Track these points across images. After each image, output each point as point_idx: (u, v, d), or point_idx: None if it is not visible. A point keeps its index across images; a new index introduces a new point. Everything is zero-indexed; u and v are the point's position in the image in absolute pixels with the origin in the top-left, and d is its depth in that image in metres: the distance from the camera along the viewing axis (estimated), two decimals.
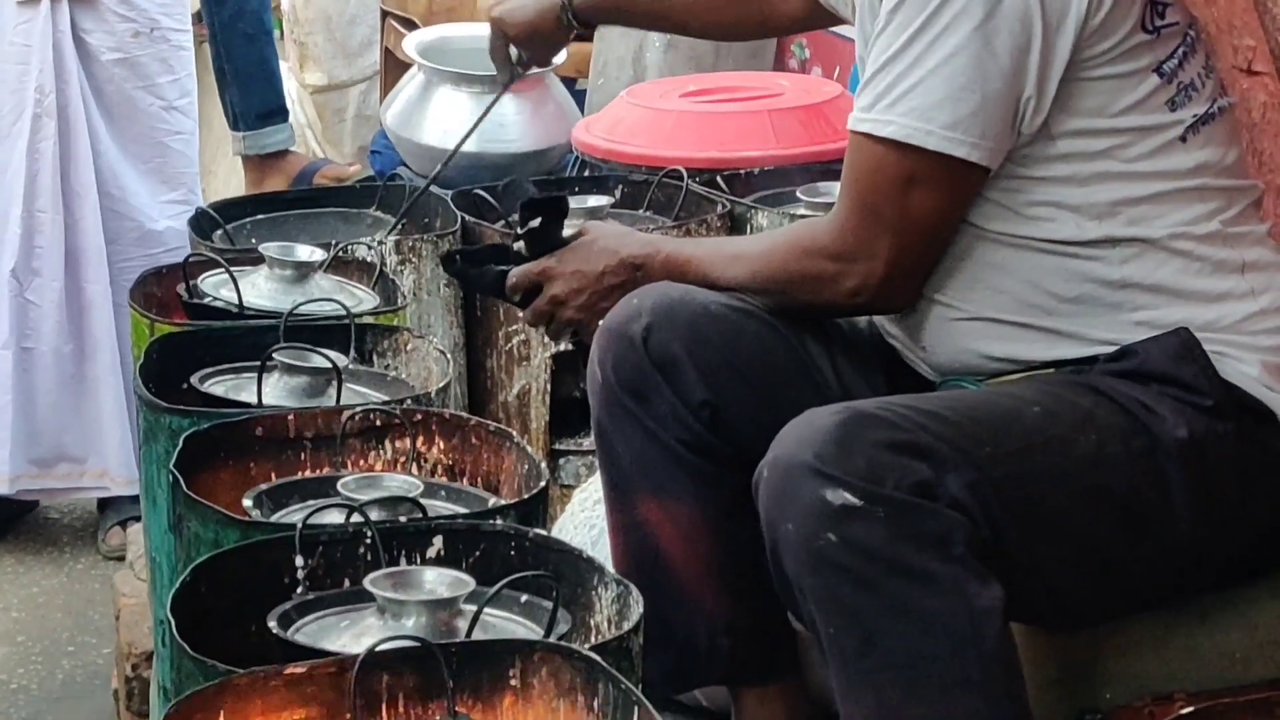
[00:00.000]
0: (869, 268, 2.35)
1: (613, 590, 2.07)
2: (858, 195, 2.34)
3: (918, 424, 2.17)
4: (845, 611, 2.12)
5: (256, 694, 1.79)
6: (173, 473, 2.27)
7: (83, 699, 3.75)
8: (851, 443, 2.13)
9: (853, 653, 2.13)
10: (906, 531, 2.10)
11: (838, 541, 2.10)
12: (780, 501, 2.15)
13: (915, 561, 2.10)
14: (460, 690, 1.84)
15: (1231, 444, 2.28)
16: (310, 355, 2.61)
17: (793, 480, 2.13)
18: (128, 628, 3.26)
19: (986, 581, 2.12)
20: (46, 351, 4.17)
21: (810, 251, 2.40)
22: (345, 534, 2.14)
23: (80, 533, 4.52)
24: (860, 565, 2.10)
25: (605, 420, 2.46)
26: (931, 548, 2.10)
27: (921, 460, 2.13)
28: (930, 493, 2.12)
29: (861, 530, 2.09)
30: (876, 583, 2.10)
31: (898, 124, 2.27)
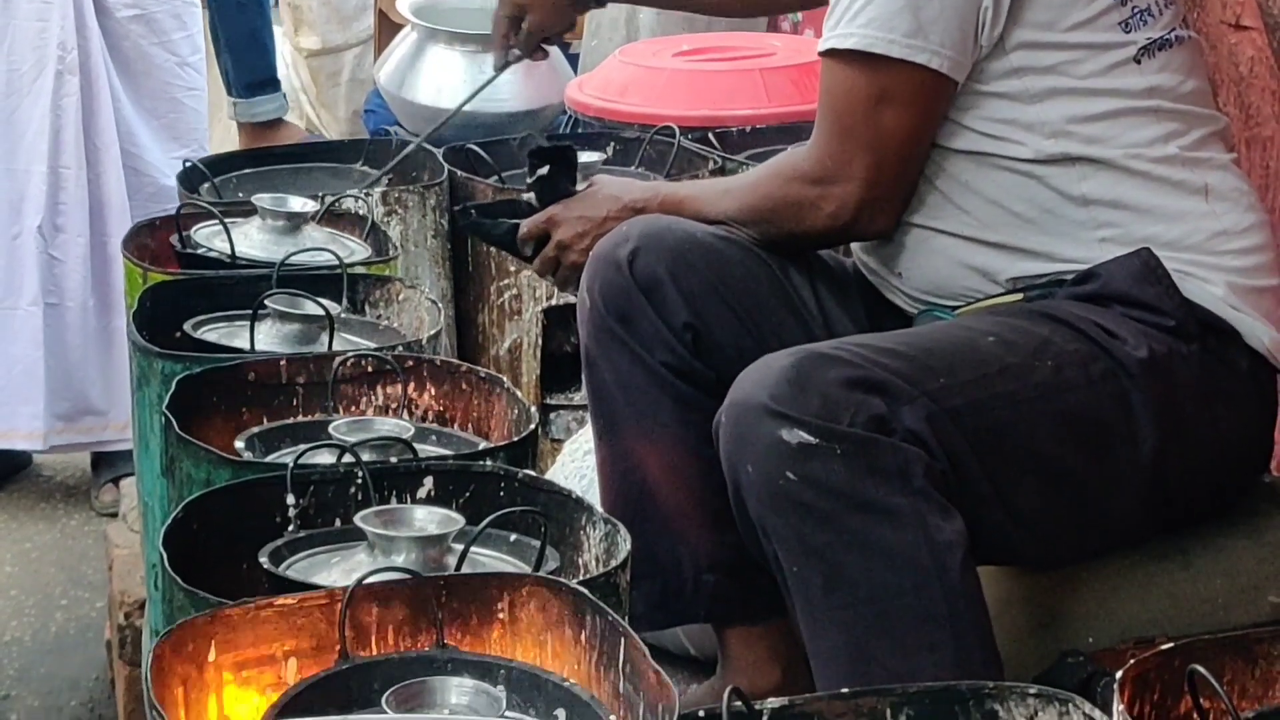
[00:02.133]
0: (846, 190, 2.39)
1: (601, 529, 2.09)
2: (831, 117, 2.39)
3: (872, 360, 2.20)
4: (808, 549, 2.15)
5: (247, 625, 1.81)
6: (165, 414, 2.29)
7: (75, 651, 3.77)
8: (806, 382, 2.16)
9: (817, 590, 2.16)
10: (864, 467, 2.13)
11: (797, 480, 2.13)
12: (739, 444, 2.18)
13: (875, 496, 2.13)
14: (449, 623, 1.86)
15: (1195, 363, 2.30)
16: (303, 302, 2.62)
17: (750, 422, 2.17)
18: (120, 577, 3.28)
19: (948, 514, 2.15)
20: (73, 307, 4.21)
21: (790, 178, 2.45)
22: (336, 474, 2.16)
23: (74, 490, 4.55)
24: (821, 502, 2.13)
25: (593, 346, 2.49)
26: (890, 482, 2.13)
27: (876, 395, 2.16)
28: (886, 427, 2.15)
29: (820, 468, 2.12)
30: (837, 519, 2.13)
31: (859, 35, 2.31)
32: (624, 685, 1.77)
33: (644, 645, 1.75)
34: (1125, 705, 1.76)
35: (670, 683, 1.69)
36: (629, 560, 2.00)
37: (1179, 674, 1.81)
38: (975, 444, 2.20)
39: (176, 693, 1.75)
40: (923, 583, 2.13)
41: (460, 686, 1.72)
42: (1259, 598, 2.41)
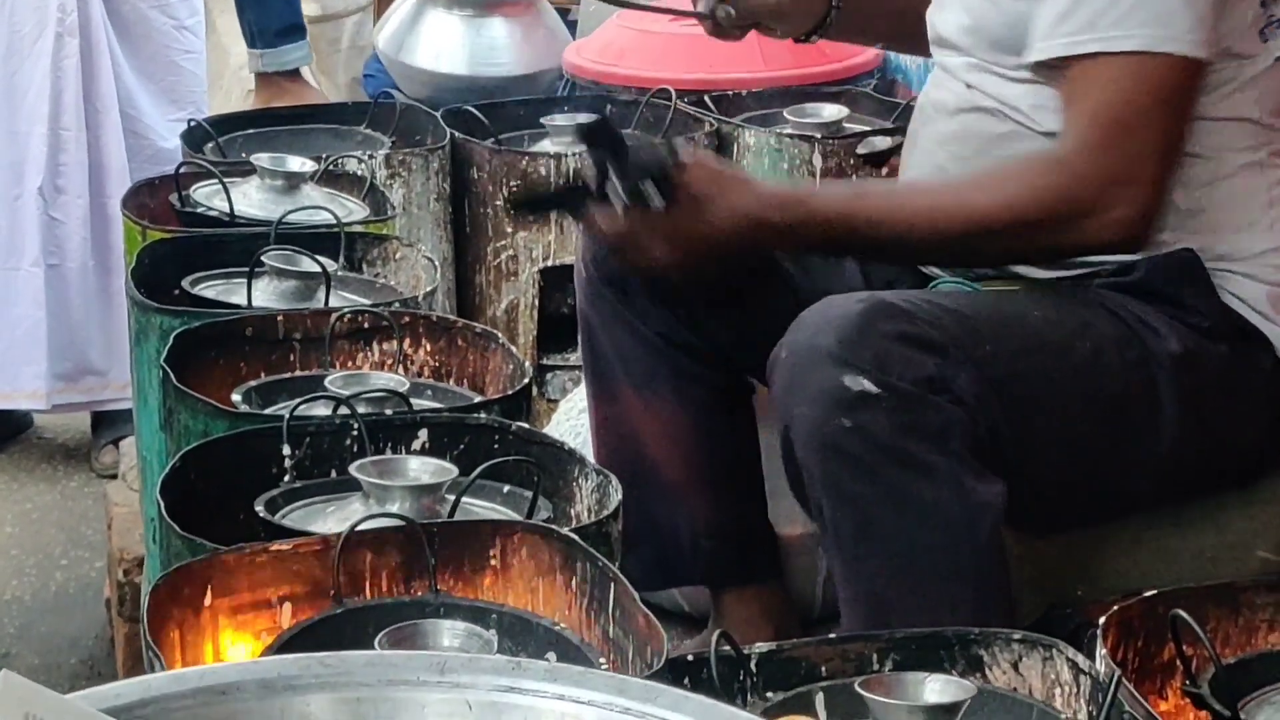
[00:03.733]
0: (1136, 194, 2.22)
1: (593, 480, 2.11)
2: (1107, 118, 2.22)
3: (934, 319, 2.19)
4: (846, 497, 2.14)
5: (243, 570, 1.83)
6: (163, 367, 2.31)
7: (75, 609, 3.80)
8: (870, 331, 2.13)
9: (850, 537, 2.16)
10: (911, 422, 2.12)
11: (850, 428, 2.11)
12: (797, 384, 2.15)
13: (916, 452, 2.12)
14: (442, 569, 1.88)
15: (1222, 363, 2.31)
16: (300, 259, 2.64)
17: (811, 364, 2.14)
18: (119, 535, 3.30)
19: (983, 478, 2.15)
20: (73, 268, 4.23)
21: (1059, 187, 2.24)
22: (332, 426, 2.18)
23: (74, 451, 4.57)
24: (865, 453, 2.12)
25: (589, 313, 2.50)
26: (932, 440, 2.13)
27: (933, 355, 2.15)
28: (935, 387, 2.14)
29: (871, 419, 2.11)
30: (879, 471, 2.13)
31: (1140, 35, 2.19)
32: (614, 630, 1.79)
33: (634, 591, 1.77)
34: (1109, 650, 1.79)
35: (660, 626, 1.71)
36: (620, 509, 2.02)
37: (1163, 621, 1.84)
38: (1010, 414, 2.20)
39: (173, 636, 1.77)
40: (953, 542, 2.14)
41: (452, 629, 1.75)
42: (1248, 553, 2.43)
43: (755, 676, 1.81)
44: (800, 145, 3.32)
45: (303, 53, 4.58)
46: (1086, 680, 1.75)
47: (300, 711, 1.36)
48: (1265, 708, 1.80)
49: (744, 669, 1.80)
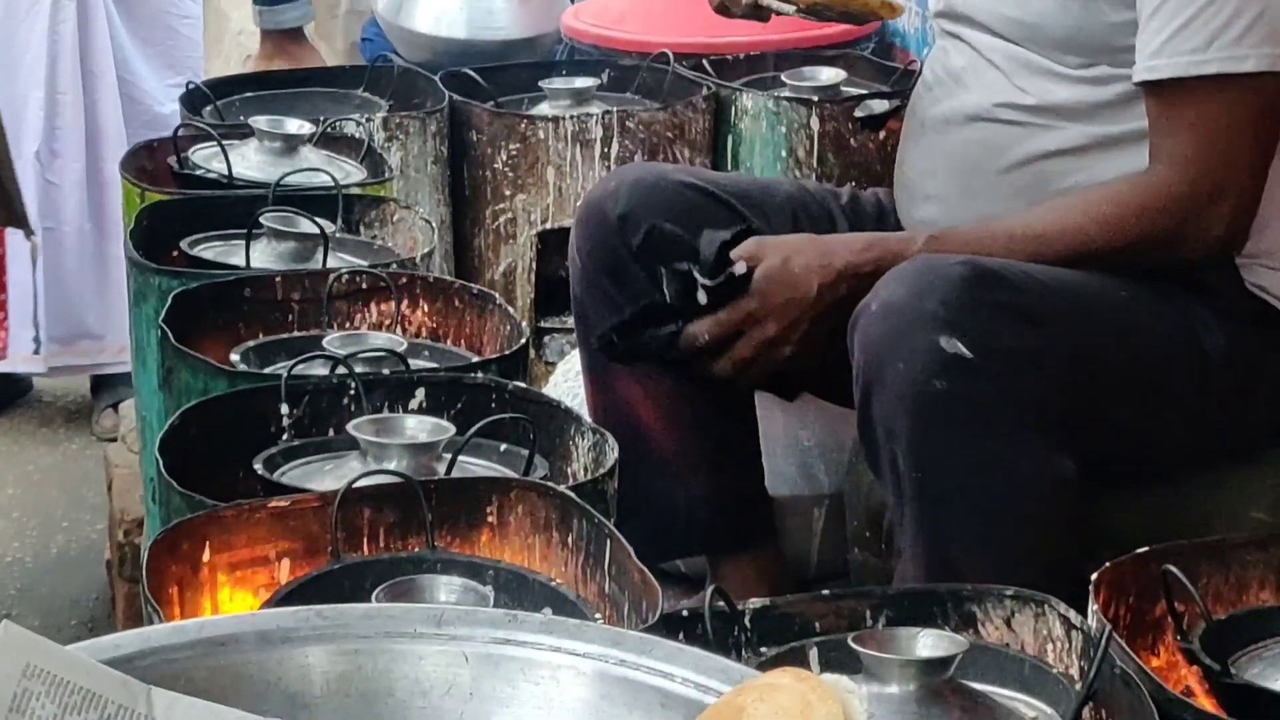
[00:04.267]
0: (1234, 209, 2.27)
1: (589, 439, 2.12)
2: (1212, 137, 2.24)
3: (1029, 289, 2.20)
4: (937, 458, 2.14)
5: (240, 526, 1.84)
6: (161, 327, 2.32)
7: (76, 570, 3.81)
8: (972, 295, 2.14)
9: (931, 500, 2.15)
10: (1004, 391, 2.13)
11: (945, 389, 2.11)
12: (889, 345, 2.15)
13: (1007, 421, 2.13)
14: (439, 526, 1.89)
15: (1248, 347, 2.33)
16: (298, 220, 2.65)
17: (908, 325, 2.13)
18: (120, 496, 3.31)
19: (1066, 454, 2.16)
20: (69, 231, 4.24)
21: (1158, 210, 2.28)
22: (330, 384, 2.19)
23: (74, 415, 4.58)
24: (959, 417, 2.12)
25: (585, 299, 2.52)
26: (1023, 411, 2.14)
27: (1029, 325, 2.16)
28: (1030, 359, 2.15)
29: (965, 383, 2.11)
30: (970, 436, 2.13)
31: (1256, 55, 2.21)
32: (610, 586, 1.81)
33: (629, 547, 1.79)
34: (1100, 607, 1.80)
35: (655, 582, 1.73)
36: (616, 467, 2.03)
37: (1154, 578, 1.85)
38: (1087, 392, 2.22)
39: (171, 591, 1.79)
40: (1034, 515, 2.15)
41: (449, 585, 1.76)
42: (1243, 515, 2.44)
43: (750, 632, 1.82)
44: (798, 109, 3.33)
45: (301, 12, 4.57)
46: (1078, 636, 1.77)
47: (298, 663, 1.38)
48: (1256, 663, 1.82)
49: (738, 624, 1.82)
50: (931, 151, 2.49)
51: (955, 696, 1.68)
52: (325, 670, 1.38)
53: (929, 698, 1.66)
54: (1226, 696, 1.76)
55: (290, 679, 1.37)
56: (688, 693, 1.34)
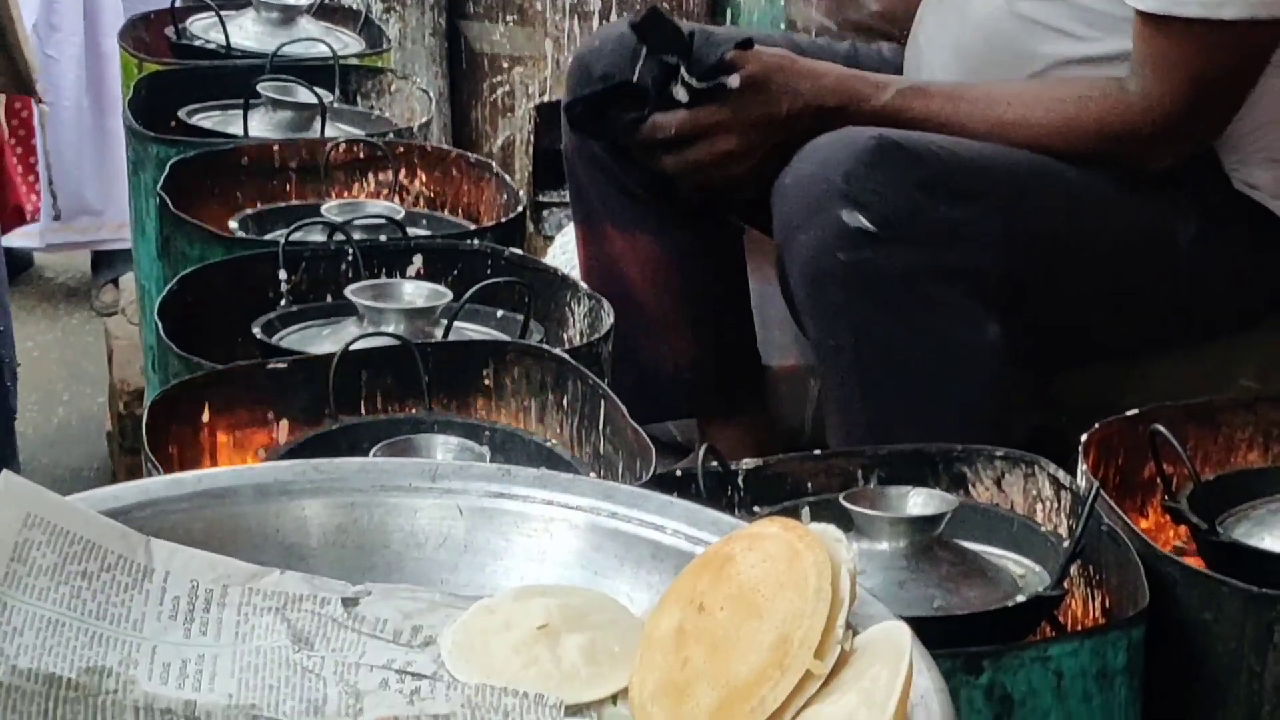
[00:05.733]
0: (1188, 145, 2.29)
1: (585, 305, 2.14)
2: (1182, 78, 2.24)
3: (955, 166, 2.20)
4: (851, 328, 2.16)
5: (239, 388, 1.86)
6: (160, 195, 2.33)
7: (77, 443, 3.84)
8: (882, 171, 2.14)
9: (850, 368, 2.17)
10: (925, 263, 2.13)
11: (850, 260, 2.13)
12: (797, 216, 2.16)
13: (932, 291, 2.14)
14: (435, 389, 1.91)
15: (1233, 240, 2.34)
16: (296, 90, 2.66)
17: (814, 197, 2.15)
18: (120, 368, 3.33)
19: (1002, 318, 2.17)
20: (68, 106, 4.24)
21: (1113, 129, 2.28)
22: (328, 251, 2.21)
23: (74, 290, 4.60)
24: (873, 287, 2.13)
25: (574, 158, 2.52)
26: (950, 281, 2.14)
27: (953, 203, 2.16)
28: (957, 233, 2.16)
29: (877, 256, 2.12)
30: (888, 302, 2.14)
31: (1238, 3, 2.19)
32: (604, 447, 1.83)
33: (623, 408, 1.81)
34: (1089, 467, 1.82)
35: (649, 442, 1.74)
36: (611, 332, 2.05)
37: (1143, 439, 1.87)
38: (1027, 262, 2.22)
39: (171, 451, 1.81)
40: (965, 377, 2.16)
41: (445, 445, 1.78)
42: (1231, 382, 2.46)
43: (742, 492, 1.84)
44: None
45: None
46: (1067, 495, 1.79)
47: (295, 515, 1.40)
48: (1242, 522, 1.84)
49: (731, 484, 1.83)
50: (949, 27, 2.46)
51: (944, 554, 1.70)
52: (322, 523, 1.40)
53: (918, 555, 1.68)
54: (1213, 555, 1.78)
55: (287, 531, 1.39)
56: (678, 544, 1.36)
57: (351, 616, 1.33)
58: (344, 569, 1.38)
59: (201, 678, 1.26)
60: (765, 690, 1.18)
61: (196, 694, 1.24)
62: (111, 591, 1.29)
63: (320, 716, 1.23)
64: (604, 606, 1.34)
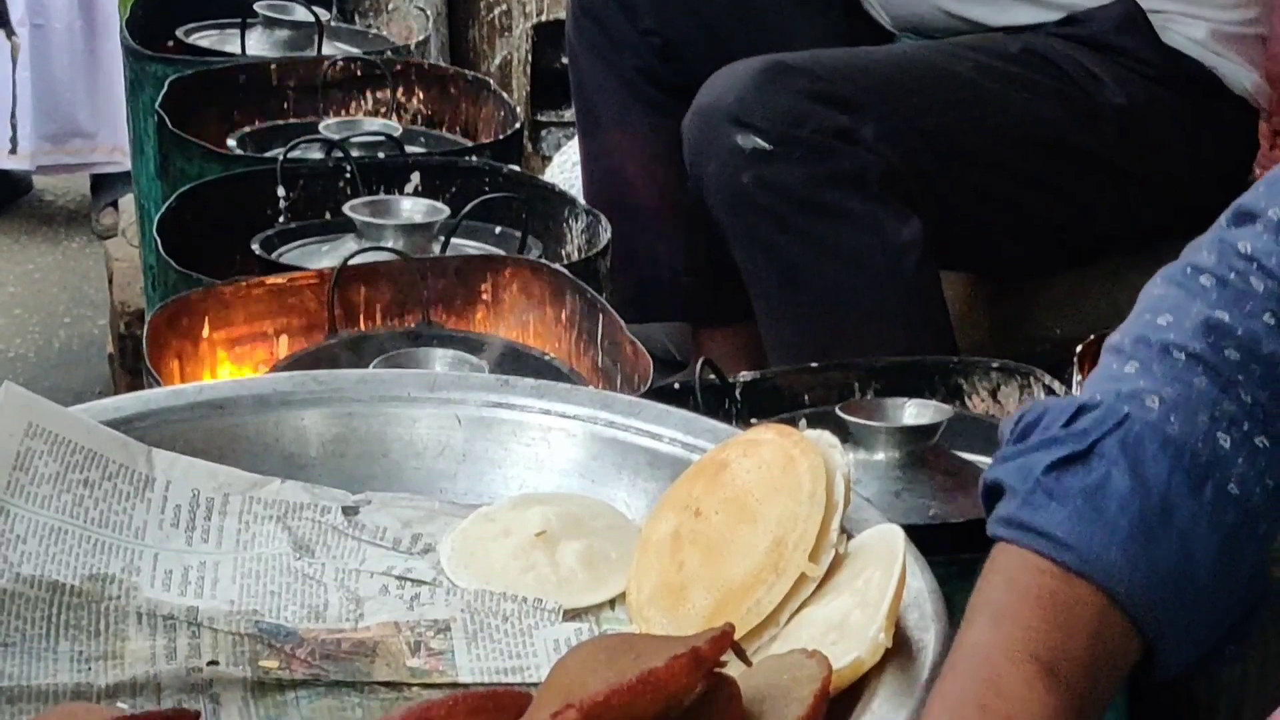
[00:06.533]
0: None
1: (583, 221, 2.14)
2: None
3: (841, 74, 2.22)
4: (765, 249, 2.21)
5: (239, 303, 1.87)
6: (158, 113, 2.33)
7: (79, 365, 3.85)
8: (770, 90, 2.18)
9: (774, 289, 2.22)
10: (822, 172, 2.17)
11: (751, 183, 2.17)
12: (701, 147, 2.22)
13: (830, 200, 2.17)
14: (434, 304, 1.92)
15: (1176, 108, 2.33)
16: (293, 8, 2.66)
17: (712, 126, 2.20)
18: (120, 289, 3.34)
19: (905, 218, 2.19)
20: (59, 29, 4.23)
21: None
22: (326, 167, 2.21)
23: (74, 214, 4.60)
24: (776, 206, 2.18)
25: (575, 43, 2.54)
26: (847, 187, 2.17)
27: (840, 109, 2.19)
28: (848, 137, 2.18)
29: (776, 173, 2.17)
30: (793, 221, 2.18)
31: None
32: (602, 360, 1.84)
33: (621, 322, 1.81)
34: (1084, 377, 1.83)
35: (647, 355, 1.75)
36: (609, 248, 2.05)
37: None
38: (941, 160, 2.23)
39: (171, 366, 1.81)
40: (876, 282, 2.19)
41: (444, 357, 1.78)
42: None
43: (739, 404, 1.85)
44: None
45: None
46: None
47: (295, 425, 1.41)
48: None
49: (728, 396, 1.84)
50: None
51: (940, 463, 1.71)
52: (321, 432, 1.41)
53: (914, 464, 1.69)
54: None
55: (287, 441, 1.40)
56: (675, 452, 1.37)
57: (351, 524, 1.34)
58: (343, 478, 1.39)
59: (204, 584, 1.28)
60: (760, 592, 1.19)
61: (199, 600, 1.26)
62: (113, 500, 1.31)
63: (321, 621, 1.25)
64: (601, 513, 1.36)
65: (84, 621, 1.22)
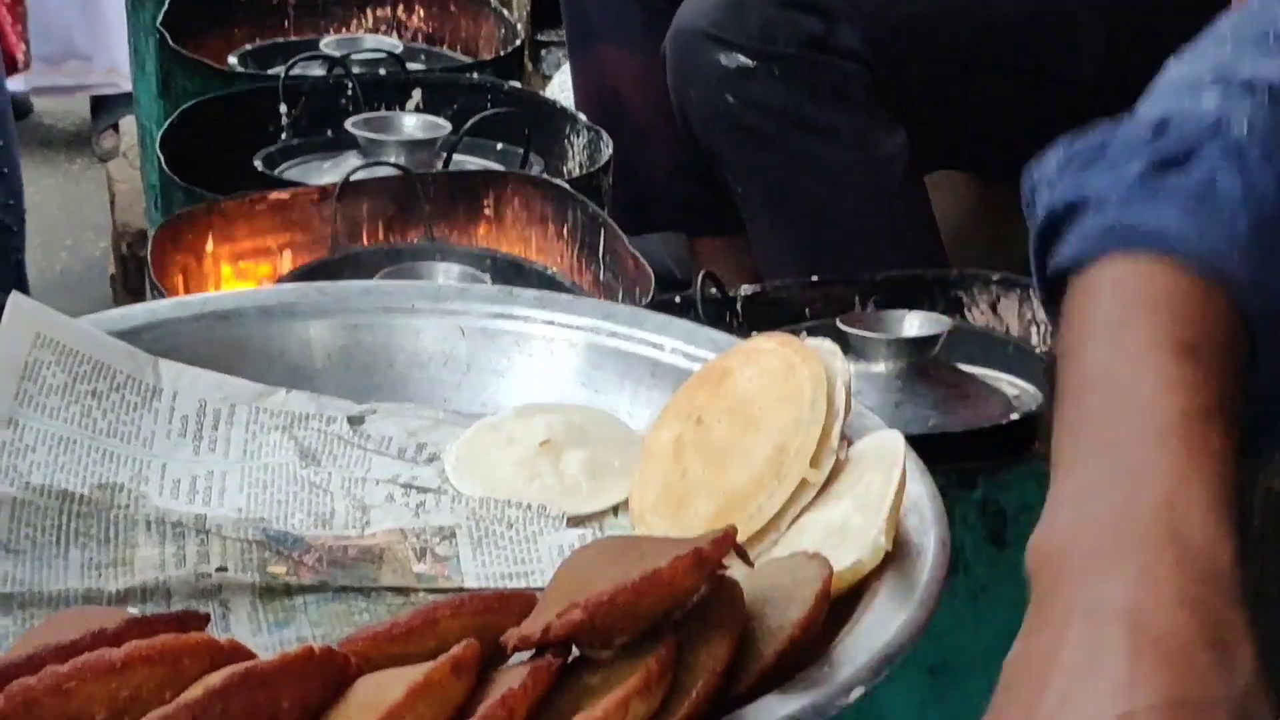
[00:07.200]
0: None
1: (584, 137, 2.15)
2: None
3: None
4: (751, 169, 2.21)
5: (242, 218, 1.88)
6: (159, 30, 2.33)
7: (81, 287, 3.86)
8: (743, 5, 2.18)
9: (761, 206, 2.22)
10: (803, 86, 2.17)
11: (736, 103, 2.18)
12: (682, 70, 2.23)
13: (813, 115, 2.18)
14: (437, 219, 1.93)
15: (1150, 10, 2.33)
16: None
17: (691, 48, 2.20)
18: (122, 211, 3.35)
19: (891, 129, 2.20)
20: None
21: None
22: (327, 85, 2.21)
23: (74, 136, 4.60)
24: (761, 124, 2.18)
25: None
26: (829, 100, 2.18)
27: (813, 15, 2.18)
28: (824, 46, 2.18)
29: (759, 90, 2.17)
30: (778, 139, 2.18)
31: None
32: (604, 274, 1.85)
33: (623, 236, 1.82)
34: None
35: (648, 268, 1.76)
36: (611, 164, 2.06)
37: None
38: (918, 57, 2.23)
39: (175, 281, 1.83)
40: (864, 197, 2.19)
41: (447, 271, 1.80)
42: None
43: (740, 317, 1.86)
44: None
45: None
46: None
47: (300, 336, 1.42)
48: None
49: (729, 310, 1.85)
50: None
51: (940, 375, 1.72)
52: (326, 343, 1.42)
53: (914, 376, 1.71)
54: None
55: (293, 352, 1.41)
56: (677, 362, 1.38)
57: (357, 434, 1.35)
58: (348, 389, 1.40)
59: (211, 493, 1.29)
60: (762, 499, 1.20)
61: (207, 508, 1.27)
62: (121, 410, 1.32)
63: (328, 529, 1.26)
64: (604, 423, 1.37)
65: (93, 529, 1.23)
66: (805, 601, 1.05)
